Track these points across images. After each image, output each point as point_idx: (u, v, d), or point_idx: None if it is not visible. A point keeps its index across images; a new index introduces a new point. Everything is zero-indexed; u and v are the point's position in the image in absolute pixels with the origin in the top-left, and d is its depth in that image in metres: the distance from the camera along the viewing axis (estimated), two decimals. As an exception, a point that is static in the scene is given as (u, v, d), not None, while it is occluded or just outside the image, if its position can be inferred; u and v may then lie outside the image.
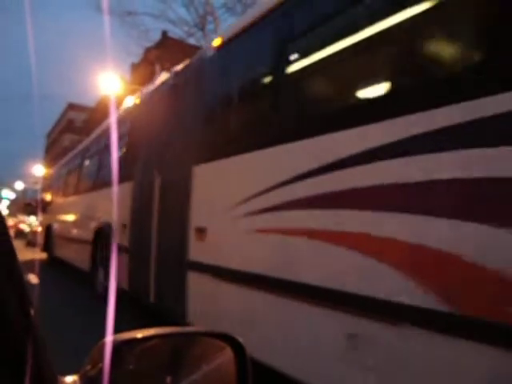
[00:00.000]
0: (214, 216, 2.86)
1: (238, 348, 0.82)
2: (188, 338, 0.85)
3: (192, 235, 3.06)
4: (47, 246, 10.25)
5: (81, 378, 0.74)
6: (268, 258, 2.31)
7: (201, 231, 2.95)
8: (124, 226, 4.52)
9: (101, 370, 0.69)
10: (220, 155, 2.90)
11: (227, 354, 0.86)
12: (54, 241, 9.40)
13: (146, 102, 4.73)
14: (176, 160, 3.55)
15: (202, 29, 19.90)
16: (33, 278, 7.39)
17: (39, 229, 12.44)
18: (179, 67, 4.39)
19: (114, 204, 4.58)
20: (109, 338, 0.73)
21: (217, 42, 3.33)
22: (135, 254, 4.27)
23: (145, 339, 0.76)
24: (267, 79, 2.71)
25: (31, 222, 16.60)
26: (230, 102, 3.03)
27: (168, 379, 0.76)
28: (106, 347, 0.72)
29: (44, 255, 10.22)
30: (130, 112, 5.15)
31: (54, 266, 8.90)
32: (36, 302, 0.54)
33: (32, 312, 0.57)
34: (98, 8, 18.50)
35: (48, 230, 10.28)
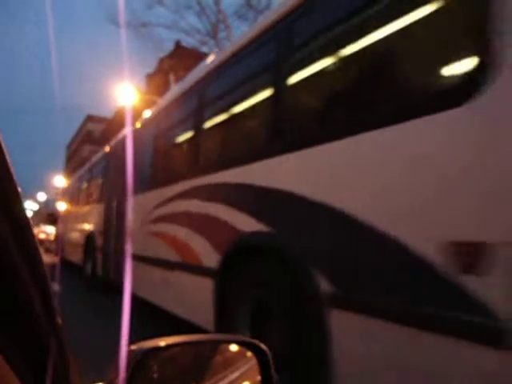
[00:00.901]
0: (136, 225, 4.79)
1: (262, 355, 0.81)
2: (211, 345, 0.85)
3: (128, 237, 5.09)
4: (59, 252, 11.90)
5: None
6: (153, 247, 4.28)
7: (131, 234, 5.02)
8: (100, 232, 6.83)
9: (126, 378, 0.70)
10: (137, 191, 4.89)
11: (251, 362, 0.85)
12: (64, 246, 11.22)
13: (108, 154, 7.50)
14: (122, 191, 5.63)
15: (215, 37, 20.14)
16: (54, 286, 7.57)
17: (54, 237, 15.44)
18: (116, 140, 7.10)
19: (95, 217, 7.32)
20: (132, 347, 0.74)
21: (137, 124, 5.53)
22: (105, 250, 6.46)
23: (168, 347, 0.76)
24: (155, 150, 4.74)
25: (49, 232, 18.70)
26: (139, 161, 4.96)
27: (193, 388, 0.76)
28: (130, 355, 0.72)
29: (57, 259, 11.98)
30: (103, 158, 7.85)
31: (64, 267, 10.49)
32: (59, 308, 0.55)
33: (58, 318, 0.57)
34: (114, 21, 18.95)
35: (60, 237, 12.44)
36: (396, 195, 1.63)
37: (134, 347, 0.73)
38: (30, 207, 55.59)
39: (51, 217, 18.74)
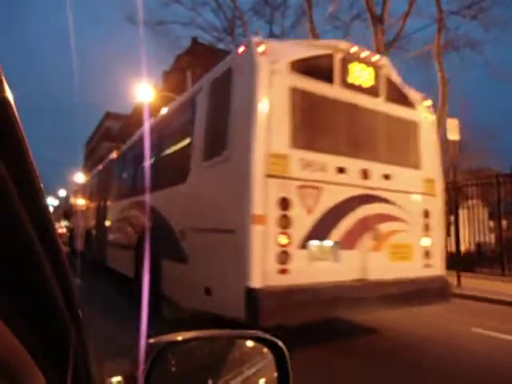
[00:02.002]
0: (112, 222, 8.53)
1: (278, 351, 0.81)
2: (227, 340, 0.85)
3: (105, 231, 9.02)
4: (71, 243, 15.88)
5: (126, 379, 0.76)
6: (116, 236, 8.12)
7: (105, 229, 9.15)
8: (93, 227, 10.47)
9: (144, 371, 0.71)
10: (116, 199, 8.40)
11: (267, 358, 0.86)
12: (75, 238, 14.55)
13: (97, 171, 11.81)
14: (107, 197, 9.25)
15: (231, 33, 20.15)
16: (75, 280, 7.80)
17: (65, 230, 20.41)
18: (102, 164, 11.26)
19: (92, 215, 10.86)
20: (151, 340, 0.75)
21: (115, 154, 9.12)
22: (95, 241, 10.13)
23: (185, 341, 0.77)
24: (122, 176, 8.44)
25: (64, 225, 22.22)
26: (119, 180, 8.59)
27: (209, 382, 0.76)
28: (149, 349, 0.74)
29: (68, 249, 16.08)
30: (99, 170, 11.48)
31: (72, 254, 14.23)
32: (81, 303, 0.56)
33: (80, 313, 0.58)
34: (131, 20, 19.15)
35: (71, 231, 16.80)
36: (183, 208, 4.62)
37: (152, 341, 0.74)
38: (51, 203, 56.98)
39: (66, 212, 21.28)
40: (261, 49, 3.49)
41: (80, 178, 27.05)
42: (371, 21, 14.86)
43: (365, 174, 3.98)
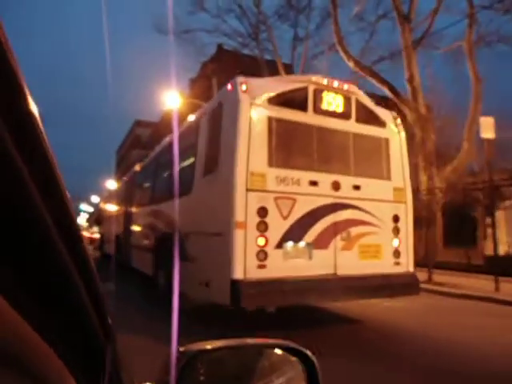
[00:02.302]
0: (135, 226, 9.33)
1: (308, 362, 0.80)
2: (256, 349, 0.85)
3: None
4: (101, 247, 16.66)
5: None
6: (137, 239, 8.95)
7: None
8: (121, 232, 11.09)
9: (174, 379, 0.71)
10: (141, 205, 8.86)
11: (296, 367, 0.84)
12: (104, 242, 15.96)
13: (123, 181, 13.33)
14: (130, 205, 10.21)
15: (256, 38, 20.29)
16: (110, 286, 7.93)
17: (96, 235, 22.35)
18: (126, 176, 13.05)
19: (120, 222, 11.52)
20: (181, 348, 0.75)
21: (137, 168, 10.31)
22: (123, 245, 10.55)
23: (215, 350, 0.77)
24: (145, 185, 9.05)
25: (96, 231, 23.96)
26: (140, 190, 9.48)
27: (238, 391, 0.76)
28: (179, 357, 0.74)
29: (99, 253, 16.90)
30: (124, 181, 13.10)
31: (104, 258, 15.19)
32: (113, 309, 0.57)
33: (109, 320, 0.59)
34: (158, 29, 19.65)
35: (102, 236, 17.74)
36: (187, 215, 5.15)
37: (182, 349, 0.75)
38: (85, 209, 59.00)
39: (97, 219, 23.00)
40: (244, 87, 4.37)
41: (112, 184, 27.93)
42: (398, 20, 14.57)
43: (336, 186, 4.70)
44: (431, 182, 13.07)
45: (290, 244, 4.31)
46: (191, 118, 5.97)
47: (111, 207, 14.85)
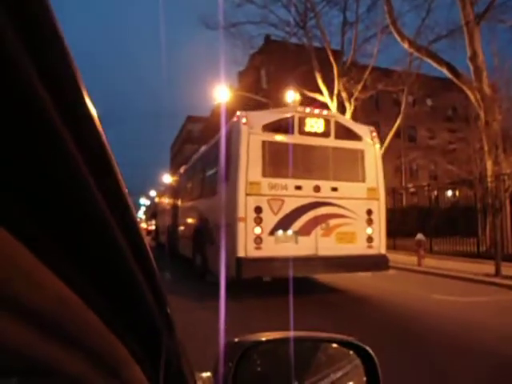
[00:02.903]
0: (180, 219, 11.12)
1: (367, 357, 0.77)
2: (312, 343, 0.83)
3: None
4: (157, 237, 19.05)
5: (214, 375, 0.79)
6: (183, 230, 10.71)
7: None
8: (171, 225, 12.61)
9: (231, 369, 0.72)
10: (185, 202, 10.74)
11: (354, 362, 0.82)
12: (158, 234, 18.35)
13: (165, 188, 18.66)
14: (177, 201, 12.12)
15: (303, 26, 19.87)
16: (166, 275, 8.36)
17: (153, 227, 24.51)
18: (175, 176, 15.50)
19: (170, 216, 13.08)
20: (236, 340, 0.76)
21: (181, 170, 12.47)
22: (172, 236, 12.21)
23: (269, 342, 0.77)
24: (187, 186, 10.80)
25: (153, 223, 25.96)
26: (184, 189, 11.26)
27: (295, 383, 0.75)
28: (234, 348, 0.75)
29: (155, 243, 19.48)
30: (164, 191, 18.30)
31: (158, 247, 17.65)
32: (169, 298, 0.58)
33: (168, 310, 0.61)
34: (206, 24, 19.95)
35: (157, 228, 20.03)
36: (213, 211, 6.94)
37: (236, 340, 0.76)
38: (143, 203, 62.19)
39: (153, 212, 25.73)
40: (244, 120, 5.96)
41: (167, 178, 29.19)
42: (458, -7, 13.49)
43: (316, 189, 6.18)
44: (498, 168, 12.07)
45: (280, 232, 5.91)
46: (219, 135, 7.46)
47: (164, 202, 17.25)
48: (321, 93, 19.27)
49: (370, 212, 6.43)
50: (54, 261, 0.27)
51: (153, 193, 53.36)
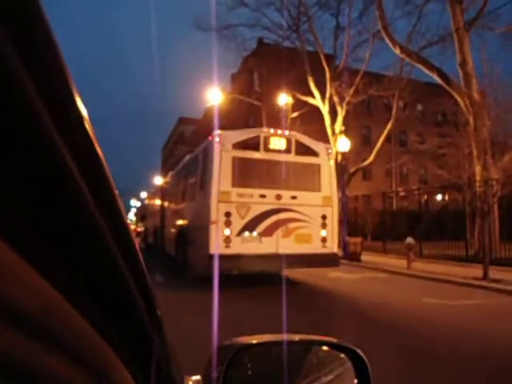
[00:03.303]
0: (167, 220, 12.36)
1: (358, 360, 0.77)
2: (303, 346, 0.83)
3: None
4: (145, 238, 19.92)
5: (203, 378, 0.78)
6: (168, 230, 11.90)
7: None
8: (158, 226, 13.48)
9: (221, 372, 0.71)
10: (170, 206, 12.13)
11: (345, 364, 0.82)
12: (147, 235, 19.39)
13: (153, 192, 19.28)
14: (162, 206, 13.69)
15: (297, 30, 19.99)
16: (158, 277, 8.32)
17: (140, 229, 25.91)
18: (156, 185, 20.45)
19: (157, 218, 13.96)
20: (226, 342, 0.75)
21: (167, 177, 14.12)
22: (159, 236, 13.48)
23: (260, 345, 0.76)
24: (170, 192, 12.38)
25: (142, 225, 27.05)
26: (169, 194, 12.47)
27: (286, 387, 0.75)
28: (225, 351, 0.74)
29: (143, 244, 20.55)
30: (151, 195, 19.99)
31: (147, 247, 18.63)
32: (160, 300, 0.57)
33: (158, 313, 0.60)
34: (199, 26, 19.94)
35: (145, 230, 21.09)
36: (191, 214, 8.47)
37: (227, 343, 0.75)
38: (134, 204, 61.76)
39: (142, 215, 26.70)
40: (217, 139, 6.93)
41: (158, 180, 29.12)
42: (449, 1, 13.71)
43: (278, 197, 7.17)
44: (487, 173, 12.25)
45: (246, 233, 6.91)
46: (198, 149, 8.73)
47: (152, 205, 18.72)
48: (313, 96, 19.37)
49: (324, 217, 7.45)
50: (42, 263, 0.26)
51: (143, 194, 53.00)
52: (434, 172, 20.27)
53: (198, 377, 0.78)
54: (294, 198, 7.22)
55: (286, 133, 7.71)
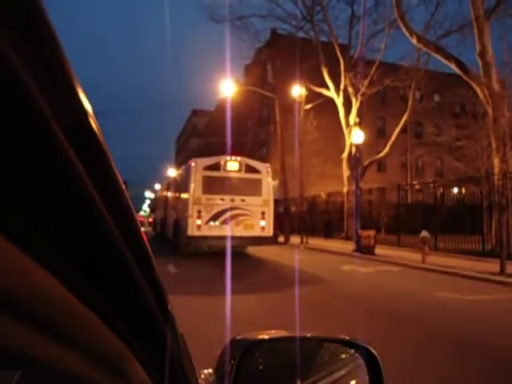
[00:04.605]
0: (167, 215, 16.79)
1: (370, 357, 0.76)
2: (315, 342, 0.83)
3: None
4: (155, 227, 24.16)
5: (215, 372, 0.78)
6: (169, 217, 16.34)
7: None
8: (165, 218, 16.94)
9: (233, 366, 0.72)
10: (169, 202, 16.33)
11: (357, 361, 0.81)
12: (156, 224, 23.46)
13: (161, 189, 25.23)
14: (165, 200, 17.94)
15: (311, 20, 19.70)
16: (171, 268, 8.43)
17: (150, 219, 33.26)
18: (168, 178, 23.32)
19: (162, 210, 18.57)
20: (238, 337, 0.76)
21: (167, 180, 21.31)
22: (163, 225, 17.69)
23: (271, 340, 0.76)
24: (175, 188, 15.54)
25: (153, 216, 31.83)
26: (167, 195, 17.39)
27: (298, 382, 0.75)
28: (236, 345, 0.75)
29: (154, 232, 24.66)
30: (163, 189, 21.39)
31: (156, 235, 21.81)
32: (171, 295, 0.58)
33: (169, 306, 0.60)
34: (212, 17, 19.85)
35: (154, 219, 26.07)
36: (179, 209, 12.85)
37: (239, 338, 0.75)
38: (148, 196, 62.46)
39: (153, 207, 31.95)
40: (193, 164, 11.16)
41: (172, 172, 29.34)
42: (468, -13, 13.29)
43: (232, 200, 10.98)
44: (505, 166, 11.95)
45: (211, 223, 10.84)
46: (181, 168, 13.88)
47: (159, 200, 23.02)
48: (327, 88, 19.15)
49: (263, 213, 11.37)
50: (51, 260, 0.26)
51: (157, 186, 53.52)
52: (450, 164, 19.91)
53: (210, 370, 0.79)
54: (243, 200, 11.11)
55: (238, 158, 11.58)
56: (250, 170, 11.37)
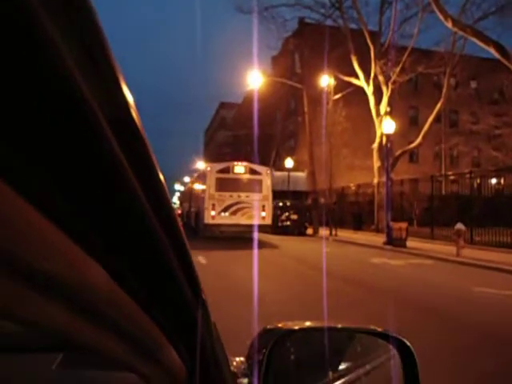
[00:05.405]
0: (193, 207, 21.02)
1: (404, 349, 0.74)
2: (347, 333, 0.82)
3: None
4: (182, 218, 25.11)
5: (247, 360, 0.79)
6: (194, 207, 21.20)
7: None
8: (188, 209, 22.31)
9: (265, 355, 0.72)
10: (192, 197, 21.09)
11: (390, 354, 0.80)
12: (183, 216, 25.62)
13: (192, 181, 25.72)
14: (190, 196, 22.87)
15: (339, 7, 19.23)
16: (202, 259, 8.59)
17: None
18: (196, 175, 23.64)
19: (188, 204, 23.13)
20: (269, 327, 0.76)
21: (192, 179, 26.04)
22: (191, 218, 20.44)
23: (302, 330, 0.76)
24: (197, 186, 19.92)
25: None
26: (191, 191, 22.18)
27: (330, 373, 0.74)
28: (268, 335, 0.75)
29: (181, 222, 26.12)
30: (194, 178, 23.89)
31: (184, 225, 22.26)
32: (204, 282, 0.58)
33: (203, 295, 0.61)
34: (239, 8, 19.76)
35: (182, 211, 28.02)
36: (200, 202, 17.05)
37: (270, 327, 0.75)
38: (178, 188, 63.71)
39: (181, 200, 35.02)
40: (209, 169, 15.41)
41: (200, 165, 29.91)
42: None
43: (239, 196, 14.81)
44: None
45: (223, 213, 14.45)
46: (203, 169, 17.31)
47: (186, 195, 26.84)
48: (356, 77, 18.69)
49: (263, 206, 14.65)
50: (95, 249, 0.27)
51: (186, 179, 54.37)
52: (488, 154, 19.03)
53: (241, 358, 0.80)
54: (247, 196, 14.56)
55: (244, 164, 15.37)
56: (253, 172, 15.15)
